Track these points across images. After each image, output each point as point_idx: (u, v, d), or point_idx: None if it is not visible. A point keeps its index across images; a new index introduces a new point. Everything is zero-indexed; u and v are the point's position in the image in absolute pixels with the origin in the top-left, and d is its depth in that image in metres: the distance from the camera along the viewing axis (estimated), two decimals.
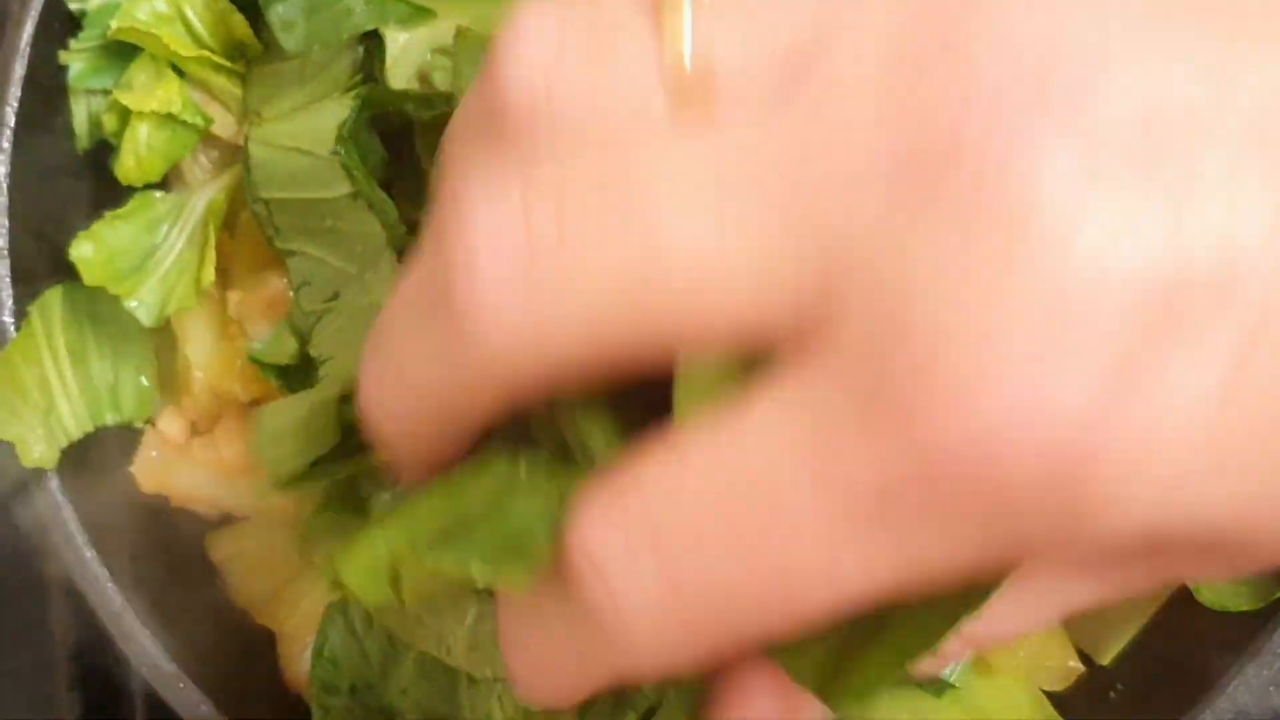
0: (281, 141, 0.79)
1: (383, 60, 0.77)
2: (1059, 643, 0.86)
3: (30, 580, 0.95)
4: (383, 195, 0.76)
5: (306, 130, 0.78)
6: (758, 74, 0.38)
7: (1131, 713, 0.84)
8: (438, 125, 0.75)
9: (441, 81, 0.78)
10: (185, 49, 0.81)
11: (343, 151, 0.75)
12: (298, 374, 0.80)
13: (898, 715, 0.84)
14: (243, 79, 0.83)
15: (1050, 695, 0.87)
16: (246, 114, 0.82)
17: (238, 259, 0.85)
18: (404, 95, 0.76)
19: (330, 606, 0.82)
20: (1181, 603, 0.82)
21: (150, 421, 0.88)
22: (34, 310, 0.83)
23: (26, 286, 0.85)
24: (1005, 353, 0.33)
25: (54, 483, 0.83)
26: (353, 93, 0.77)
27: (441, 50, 0.78)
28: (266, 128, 0.79)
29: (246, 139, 0.79)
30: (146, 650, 0.82)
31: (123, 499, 0.86)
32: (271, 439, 0.68)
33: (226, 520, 0.89)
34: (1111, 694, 0.86)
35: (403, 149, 0.79)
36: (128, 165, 0.82)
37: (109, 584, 0.83)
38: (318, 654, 0.84)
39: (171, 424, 0.86)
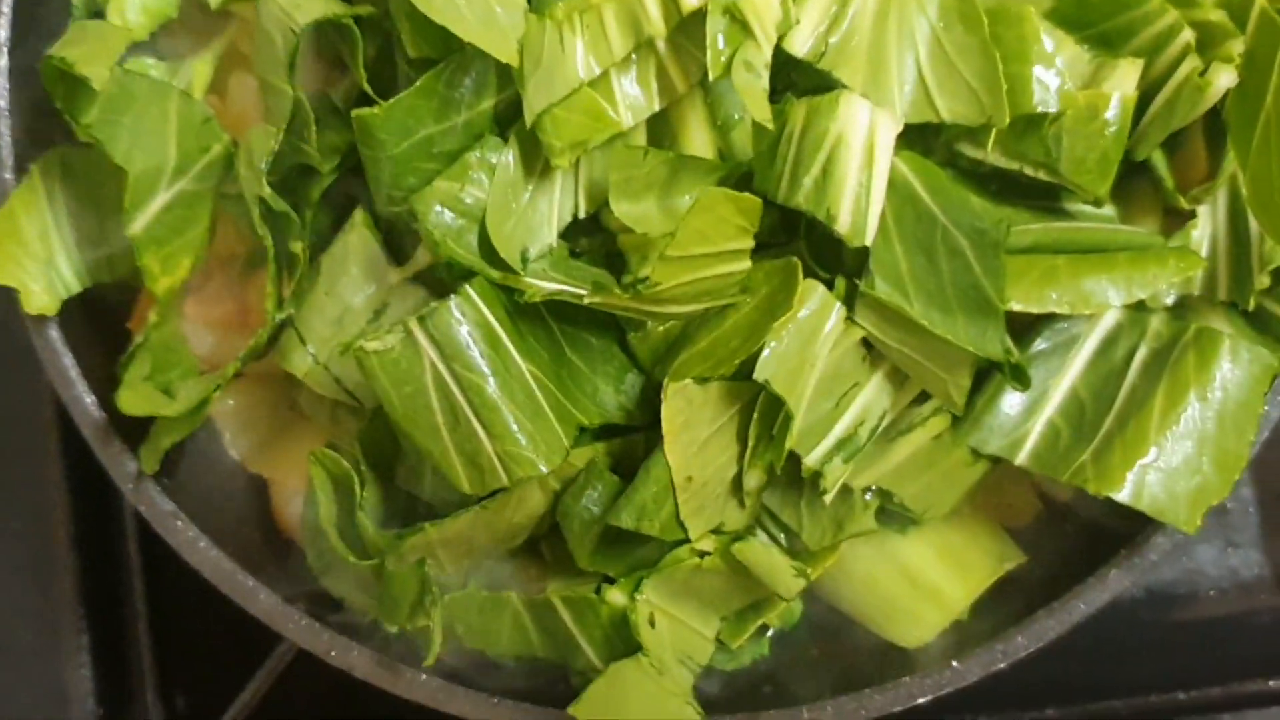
0: None
1: None
2: (1018, 480, 0.89)
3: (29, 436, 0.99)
4: None
5: None
6: None
7: (1087, 550, 0.87)
8: None
9: None
10: None
11: None
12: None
13: (866, 553, 0.88)
14: None
15: (1010, 531, 0.90)
16: None
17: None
18: None
19: (314, 454, 0.86)
20: None
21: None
22: (36, 167, 0.87)
23: (28, 148, 0.89)
24: None
25: (54, 332, 0.87)
26: None
27: None
28: None
29: None
30: (146, 490, 0.86)
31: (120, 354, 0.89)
32: None
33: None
34: (1068, 529, 0.89)
35: None
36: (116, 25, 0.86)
37: (112, 431, 0.87)
38: (308, 500, 0.88)
39: None
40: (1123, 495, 0.77)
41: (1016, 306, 0.76)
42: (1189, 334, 0.80)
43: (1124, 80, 0.78)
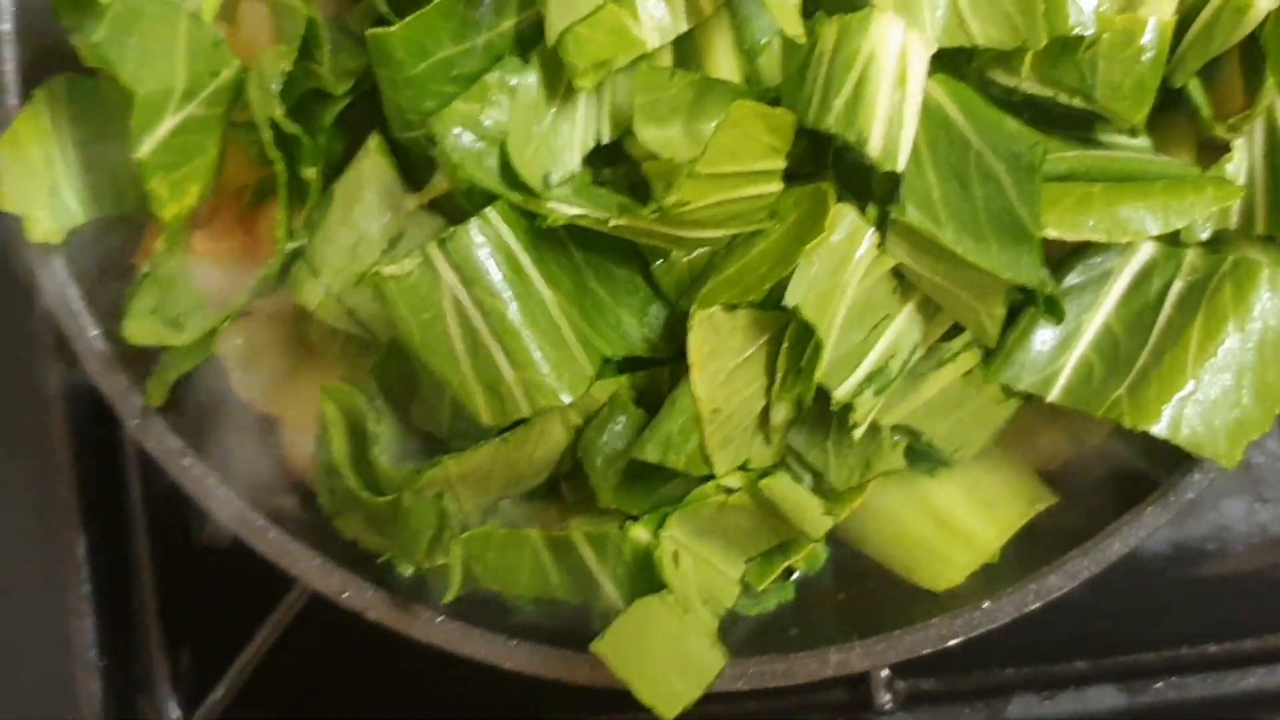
0: None
1: None
2: (1050, 420, 0.87)
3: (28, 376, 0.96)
4: None
5: None
6: None
7: (1120, 494, 0.85)
8: None
9: None
10: None
11: None
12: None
13: (894, 495, 0.86)
14: None
15: (1042, 475, 0.88)
16: None
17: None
18: None
19: (326, 389, 0.84)
20: None
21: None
22: (40, 93, 0.85)
23: (34, 75, 0.86)
24: None
25: (58, 262, 0.85)
26: None
27: None
28: None
29: None
30: (152, 426, 0.84)
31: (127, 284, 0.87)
32: None
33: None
34: (1101, 472, 0.87)
35: None
36: None
37: (117, 364, 0.85)
38: (320, 438, 0.86)
39: None
40: (1160, 429, 0.75)
41: (1051, 233, 0.74)
42: (1226, 265, 0.78)
43: (1162, 5, 0.76)
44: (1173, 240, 0.79)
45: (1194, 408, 0.76)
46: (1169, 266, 0.79)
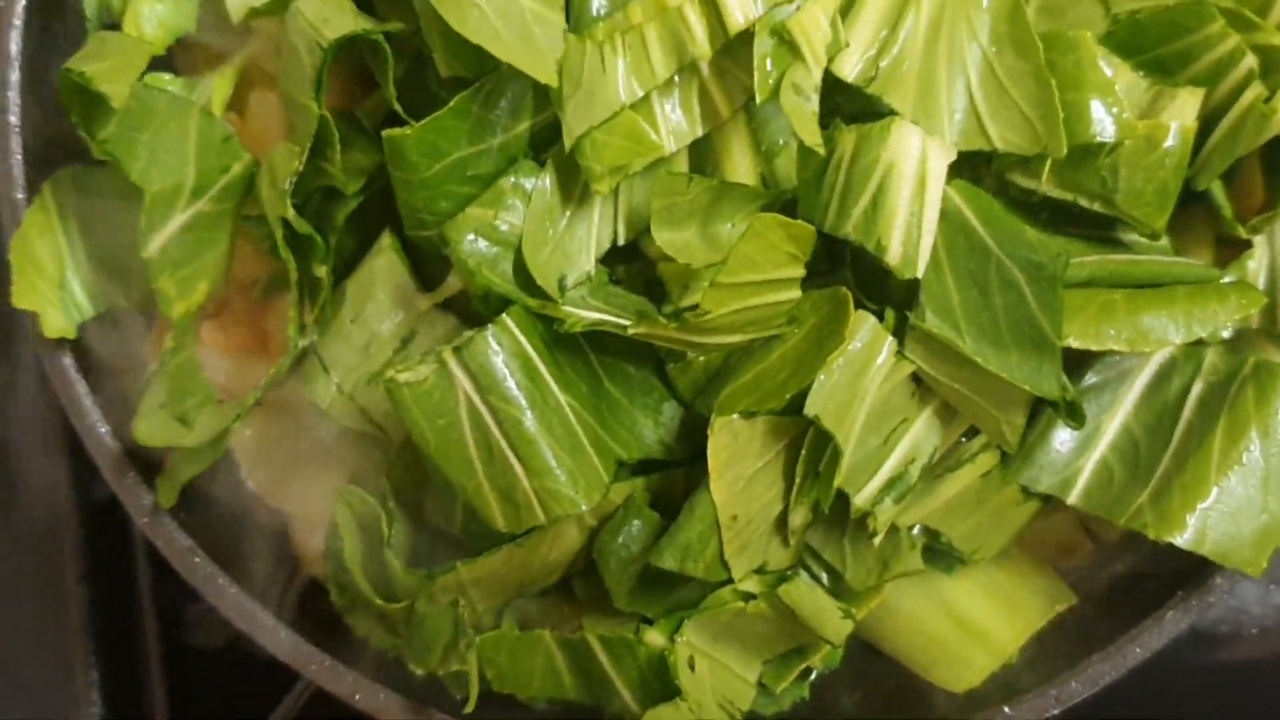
0: None
1: None
2: (1068, 519, 0.86)
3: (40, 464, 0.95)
4: None
5: None
6: None
7: (1136, 590, 0.84)
8: None
9: None
10: None
11: None
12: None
13: (911, 593, 0.85)
14: None
15: (1060, 570, 0.87)
16: None
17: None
18: None
19: (339, 493, 0.83)
20: None
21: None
22: (47, 187, 0.84)
23: (40, 166, 0.85)
24: None
25: (67, 359, 0.84)
26: None
27: None
28: None
29: None
30: (163, 525, 0.83)
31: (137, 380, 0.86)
32: None
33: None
34: (1120, 568, 0.86)
35: None
36: (136, 39, 0.83)
37: (127, 462, 0.84)
38: (331, 538, 0.85)
39: None
40: (1185, 541, 0.74)
41: (1074, 343, 0.73)
42: (1247, 368, 0.77)
43: (1184, 110, 0.75)
44: (1193, 340, 0.78)
45: (1218, 517, 0.75)
46: (1189, 366, 0.79)
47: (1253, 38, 0.75)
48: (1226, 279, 0.78)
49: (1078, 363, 0.78)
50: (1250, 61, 0.74)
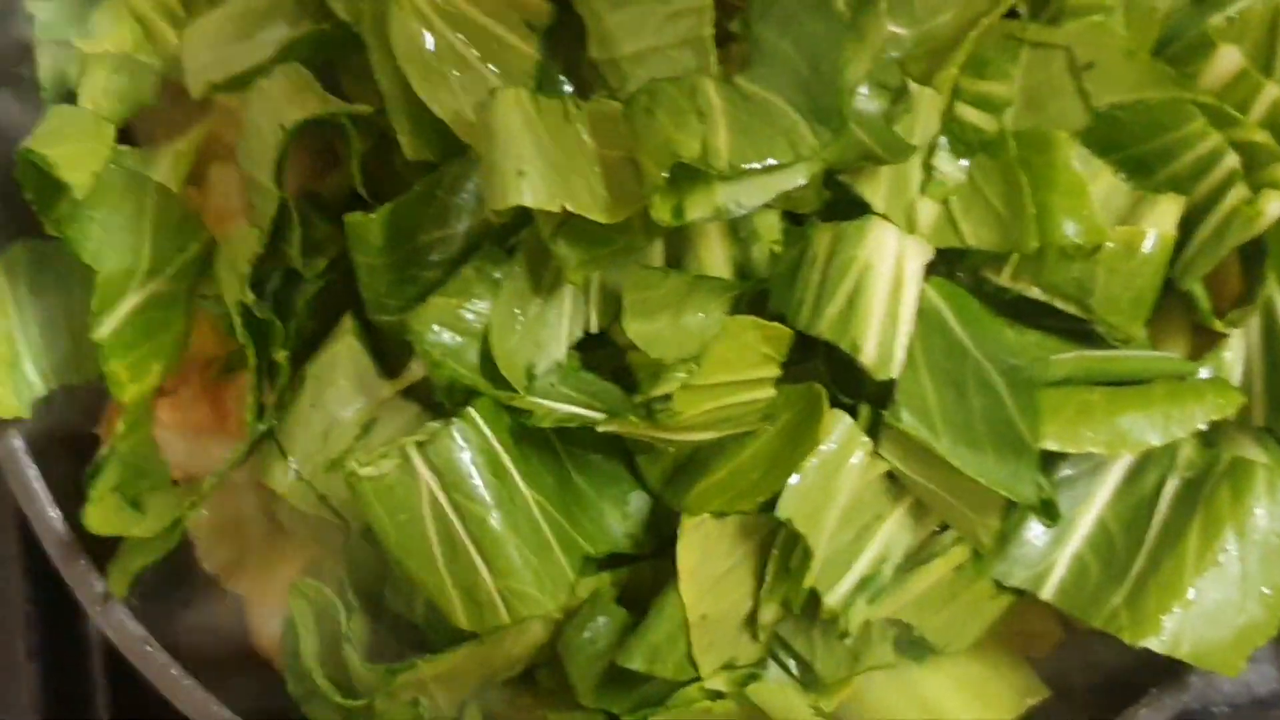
0: None
1: None
2: (1041, 609, 0.84)
3: None
4: None
5: None
6: None
7: (1111, 676, 0.83)
8: None
9: None
10: None
11: None
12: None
13: (882, 684, 0.83)
14: None
15: (1031, 658, 0.86)
16: None
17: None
18: None
19: (295, 587, 0.81)
20: None
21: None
22: (0, 262, 0.81)
23: None
24: None
25: (18, 441, 0.81)
26: None
27: None
28: None
29: None
30: (114, 613, 0.81)
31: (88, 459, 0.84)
32: None
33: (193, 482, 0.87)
34: (1093, 656, 0.85)
35: None
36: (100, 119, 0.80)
37: (78, 548, 0.82)
38: (287, 633, 0.83)
39: None
40: (1161, 645, 0.73)
41: (1052, 446, 0.72)
42: (1222, 464, 0.76)
43: (1164, 217, 0.74)
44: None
45: (1195, 619, 0.74)
46: (1164, 460, 0.77)
47: (1234, 134, 0.74)
48: (1204, 373, 0.77)
49: (1052, 456, 0.77)
50: (1233, 161, 0.73)
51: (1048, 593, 0.77)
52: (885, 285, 0.70)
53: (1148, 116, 0.74)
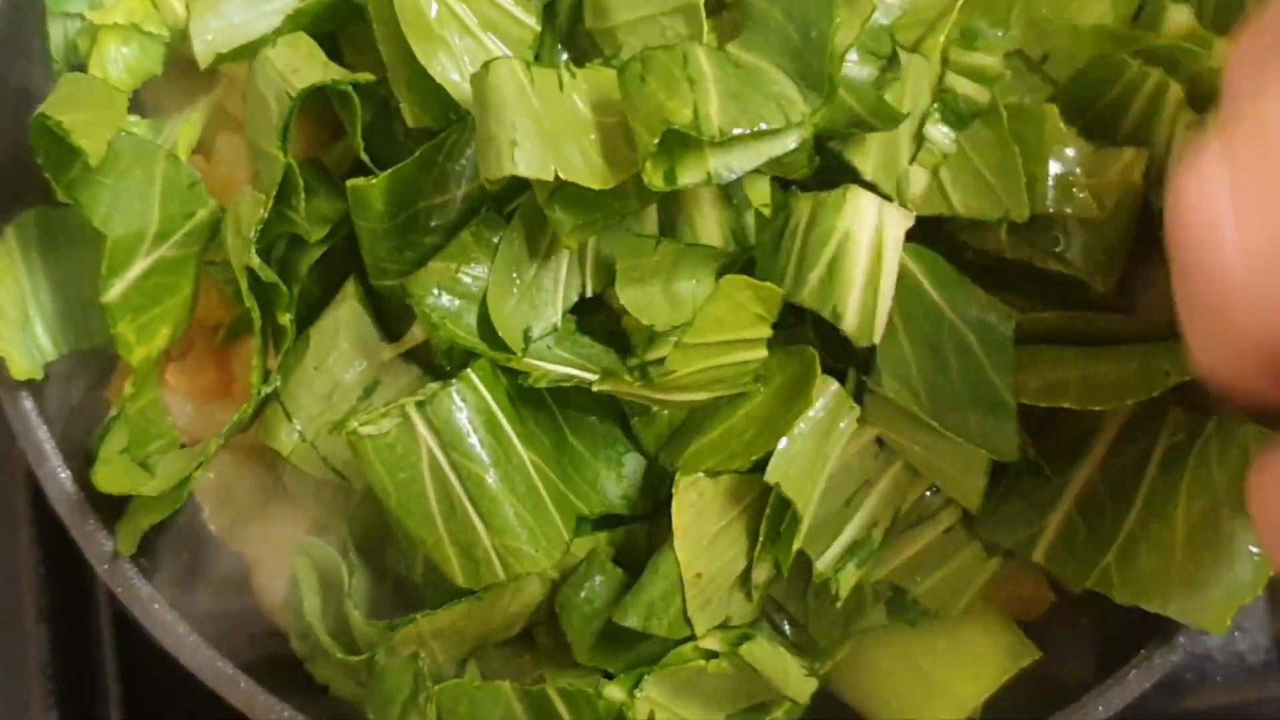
0: None
1: None
2: (1032, 573, 0.86)
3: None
4: None
5: None
6: None
7: (1101, 641, 0.84)
8: None
9: None
10: None
11: None
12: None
13: (875, 646, 0.84)
14: None
15: (1023, 624, 0.87)
16: None
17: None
18: None
19: (299, 546, 0.83)
20: None
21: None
22: (10, 230, 0.83)
23: (3, 210, 0.84)
24: None
25: (28, 403, 0.83)
26: None
27: None
28: None
29: None
30: (122, 571, 0.82)
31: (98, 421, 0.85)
32: None
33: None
34: (1083, 621, 0.86)
35: None
36: (112, 87, 0.82)
37: (87, 507, 0.83)
38: (291, 590, 0.84)
39: None
40: (1150, 604, 0.74)
41: (1024, 400, 0.73)
42: (1209, 428, 0.77)
43: (1130, 170, 0.75)
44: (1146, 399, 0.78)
45: (1183, 578, 0.75)
46: (1152, 424, 0.78)
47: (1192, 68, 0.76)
48: None
49: (1041, 420, 0.78)
50: (1177, 91, 0.74)
51: (1038, 555, 0.78)
52: (865, 253, 0.71)
53: (1094, 77, 0.75)
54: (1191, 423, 0.78)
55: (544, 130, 0.68)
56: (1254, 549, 0.75)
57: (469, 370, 0.74)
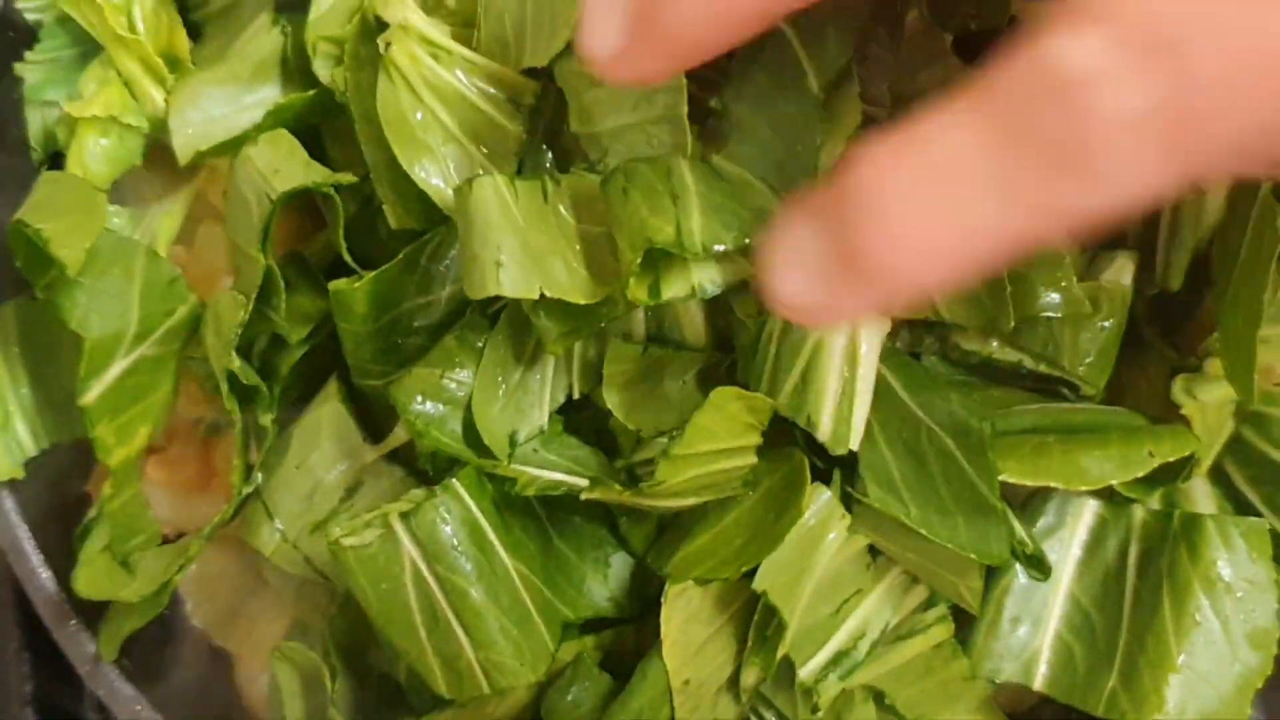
0: None
1: None
2: None
3: None
4: None
5: None
6: None
7: None
8: None
9: None
10: (121, 29, 0.81)
11: None
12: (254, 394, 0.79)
13: None
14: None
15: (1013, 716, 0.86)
16: None
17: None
18: None
19: (278, 650, 0.82)
20: None
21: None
22: None
23: None
24: None
25: (9, 501, 0.82)
26: None
27: None
28: None
29: None
30: (104, 674, 0.81)
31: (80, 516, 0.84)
32: None
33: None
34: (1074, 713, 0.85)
35: None
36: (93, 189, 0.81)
37: (69, 608, 0.82)
38: (272, 698, 0.83)
39: None
40: (1169, 716, 0.73)
41: (1009, 479, 0.72)
42: (1175, 524, 0.76)
43: (1121, 272, 0.75)
44: (1117, 497, 0.77)
45: (1193, 680, 0.74)
46: (1120, 526, 0.77)
47: None
48: None
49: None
50: None
51: (1039, 683, 0.76)
52: (839, 363, 0.70)
53: None
54: (1158, 521, 0.76)
55: (528, 248, 0.67)
56: (1250, 633, 0.74)
57: (454, 480, 0.73)
